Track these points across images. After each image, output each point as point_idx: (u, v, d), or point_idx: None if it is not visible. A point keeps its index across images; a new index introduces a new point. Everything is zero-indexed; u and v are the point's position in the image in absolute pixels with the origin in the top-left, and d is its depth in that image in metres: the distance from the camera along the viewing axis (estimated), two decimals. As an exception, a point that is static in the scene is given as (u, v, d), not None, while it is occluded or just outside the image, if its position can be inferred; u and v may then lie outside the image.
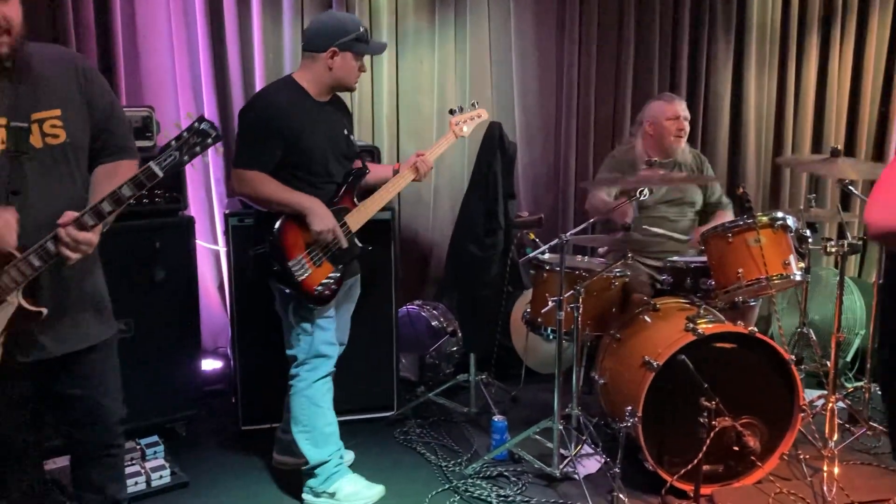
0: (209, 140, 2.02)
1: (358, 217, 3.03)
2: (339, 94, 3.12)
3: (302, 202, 2.87)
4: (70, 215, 1.97)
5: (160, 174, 1.99)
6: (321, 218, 2.87)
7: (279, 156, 2.86)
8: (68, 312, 2.14)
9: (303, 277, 2.89)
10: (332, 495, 3.03)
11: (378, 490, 3.10)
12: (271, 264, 2.88)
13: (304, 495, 3.08)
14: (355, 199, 3.05)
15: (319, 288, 2.93)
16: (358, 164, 3.13)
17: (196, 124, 2.00)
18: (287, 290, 2.93)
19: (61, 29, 3.68)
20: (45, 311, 2.03)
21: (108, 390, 2.31)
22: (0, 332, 2.00)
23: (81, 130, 2.12)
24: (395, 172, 3.19)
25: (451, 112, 3.37)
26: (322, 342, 3.03)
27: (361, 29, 2.94)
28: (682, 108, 3.98)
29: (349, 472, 3.11)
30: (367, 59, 4.30)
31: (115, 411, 2.33)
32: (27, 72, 2.02)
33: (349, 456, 3.43)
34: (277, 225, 2.86)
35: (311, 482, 3.06)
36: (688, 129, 3.99)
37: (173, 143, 2.00)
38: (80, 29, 3.74)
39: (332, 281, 2.97)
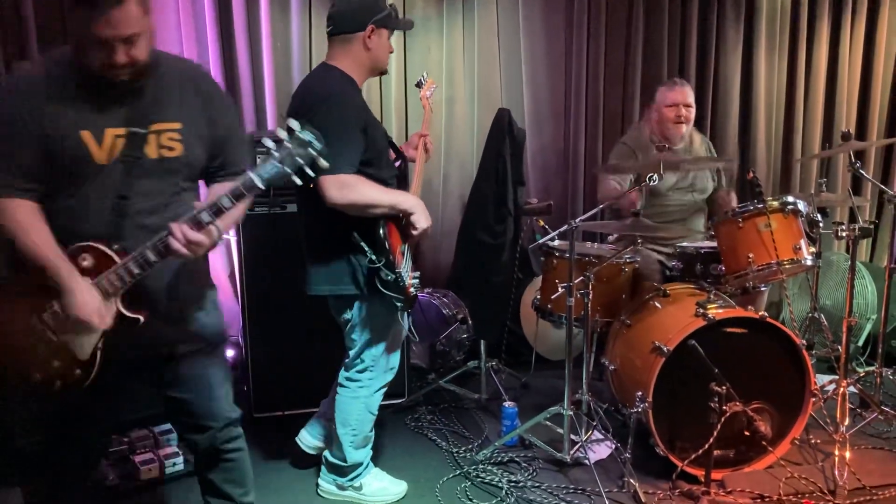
0: (311, 150, 1.87)
1: None
2: None
3: (405, 200, 2.70)
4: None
5: (261, 186, 1.92)
6: (426, 214, 2.72)
7: (360, 155, 2.65)
8: (171, 313, 2.14)
9: (407, 282, 2.73)
10: (357, 489, 3.03)
11: (403, 487, 3.09)
12: (384, 275, 2.65)
13: (322, 482, 3.08)
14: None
15: (412, 290, 2.81)
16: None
17: (298, 132, 1.88)
18: (393, 296, 2.72)
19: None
20: (142, 318, 2.03)
21: (214, 393, 2.27)
22: (99, 337, 2.01)
23: (198, 147, 2.09)
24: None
25: (418, 85, 3.30)
26: (396, 354, 2.97)
27: (390, 4, 2.81)
28: (683, 94, 3.95)
29: (373, 467, 3.10)
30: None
31: (223, 414, 2.29)
32: (152, 82, 2.00)
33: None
34: (382, 232, 2.64)
35: (337, 477, 3.04)
36: (689, 115, 3.97)
37: (274, 151, 1.88)
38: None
39: (417, 280, 2.85)
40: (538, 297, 3.65)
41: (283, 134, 1.88)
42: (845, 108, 5.27)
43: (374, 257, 2.65)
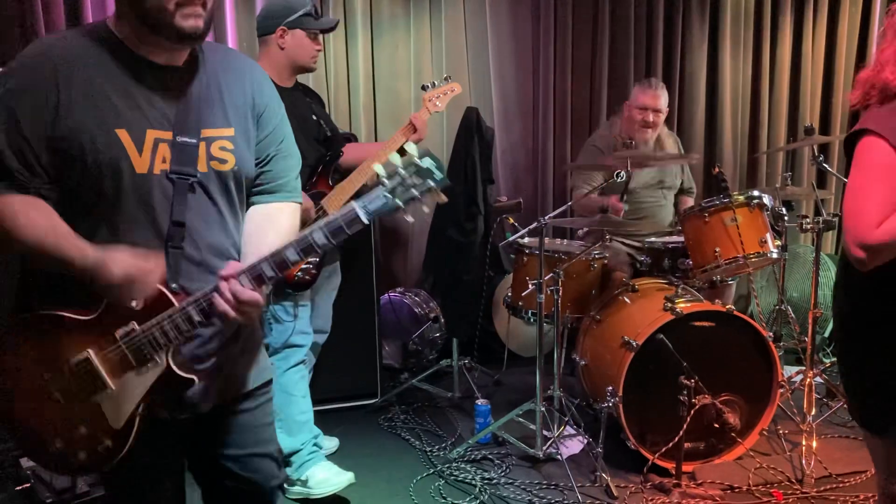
0: (430, 182, 1.50)
1: (336, 199, 3.00)
2: (302, 80, 3.12)
3: None
4: (235, 266, 1.55)
5: (365, 221, 1.51)
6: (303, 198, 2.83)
7: None
8: (223, 365, 1.71)
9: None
10: (304, 482, 3.03)
11: (348, 477, 3.07)
12: None
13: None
14: (331, 182, 3.04)
15: (299, 273, 2.90)
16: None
17: (418, 159, 1.50)
18: None
19: (29, 27, 3.61)
20: (196, 380, 1.60)
21: (268, 445, 1.84)
22: (139, 401, 1.57)
23: (250, 157, 1.71)
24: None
25: (424, 88, 3.35)
26: (296, 332, 3.01)
27: (309, 5, 2.95)
28: (654, 100, 3.93)
29: (322, 460, 3.09)
30: (340, 45, 4.31)
31: (274, 473, 1.85)
32: (200, 77, 1.63)
33: (333, 443, 3.44)
34: None
35: (286, 471, 3.04)
36: (657, 121, 3.96)
37: (385, 179, 1.50)
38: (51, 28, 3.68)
39: (311, 266, 2.94)
40: (509, 294, 3.66)
41: (396, 160, 1.52)
42: (809, 104, 5.36)
43: None
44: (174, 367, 1.56)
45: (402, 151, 1.58)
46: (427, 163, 1.51)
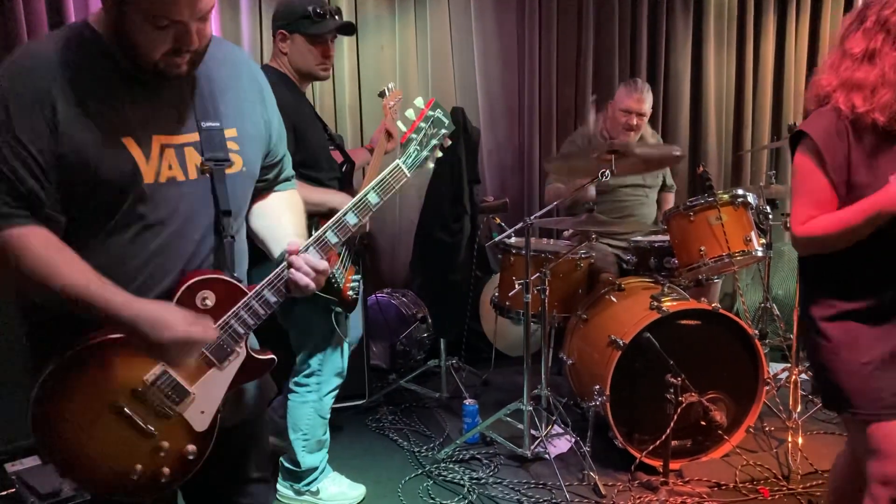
0: (444, 130, 1.72)
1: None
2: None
3: (335, 199, 2.61)
4: (297, 243, 1.59)
5: (408, 174, 1.70)
6: None
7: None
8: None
9: (342, 284, 2.68)
10: (314, 493, 3.00)
11: (361, 491, 3.07)
12: None
13: (280, 488, 3.05)
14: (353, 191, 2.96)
15: (350, 292, 2.78)
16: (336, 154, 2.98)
17: (431, 112, 1.71)
18: (328, 298, 2.68)
19: (11, 28, 3.58)
20: (275, 357, 1.63)
21: (267, 469, 1.81)
22: (223, 397, 1.56)
23: (256, 157, 1.65)
24: (372, 151, 3.08)
25: (381, 94, 3.19)
26: (344, 357, 2.94)
27: (310, 8, 2.68)
28: (639, 103, 3.91)
29: (331, 471, 3.07)
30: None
31: (269, 498, 1.85)
32: (203, 77, 1.55)
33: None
34: (313, 231, 2.61)
35: (293, 482, 3.01)
36: (641, 125, 3.95)
37: (414, 135, 1.69)
38: (32, 28, 3.65)
39: (356, 282, 2.81)
40: (496, 294, 3.67)
41: (412, 114, 1.71)
42: (793, 102, 5.40)
43: None
44: (252, 354, 1.58)
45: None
46: (439, 112, 1.73)
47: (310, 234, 1.65)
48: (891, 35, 1.81)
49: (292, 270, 1.55)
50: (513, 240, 3.57)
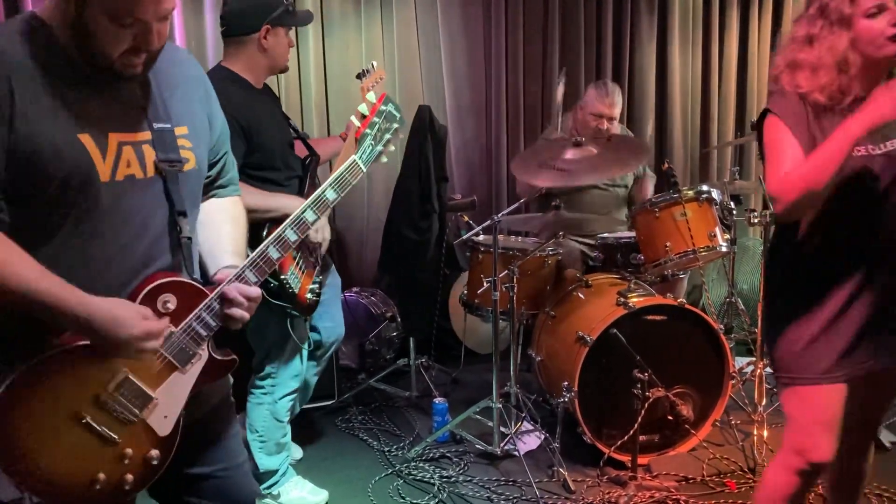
0: (396, 124, 1.74)
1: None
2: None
3: (288, 204, 2.56)
4: (226, 273, 1.57)
5: (364, 169, 1.70)
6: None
7: (240, 158, 2.51)
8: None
9: (298, 289, 2.65)
10: (275, 497, 2.97)
11: (323, 496, 3.04)
12: (269, 282, 2.51)
13: None
14: (317, 184, 2.92)
15: (309, 296, 2.74)
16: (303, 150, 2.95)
17: (384, 106, 1.74)
18: (282, 304, 2.64)
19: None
20: (236, 358, 1.63)
21: (244, 466, 1.78)
22: (186, 401, 1.55)
23: (205, 154, 1.64)
24: (345, 139, 3.05)
25: (359, 76, 3.20)
26: (299, 360, 2.91)
27: (286, 1, 2.72)
28: (609, 108, 3.87)
29: (294, 475, 3.03)
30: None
31: (251, 490, 1.79)
32: (153, 77, 1.53)
33: (297, 453, 3.40)
34: (264, 236, 2.47)
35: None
36: (611, 128, 3.91)
37: (368, 131, 1.72)
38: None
39: (317, 286, 2.79)
40: (465, 292, 3.67)
41: (364, 109, 1.73)
42: (756, 99, 5.46)
43: None
44: (215, 355, 1.57)
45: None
46: (391, 106, 1.76)
47: (263, 238, 1.63)
48: (829, 20, 1.90)
49: (231, 309, 1.53)
50: (481, 237, 3.57)
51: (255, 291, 1.56)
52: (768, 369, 3.48)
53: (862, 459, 2.23)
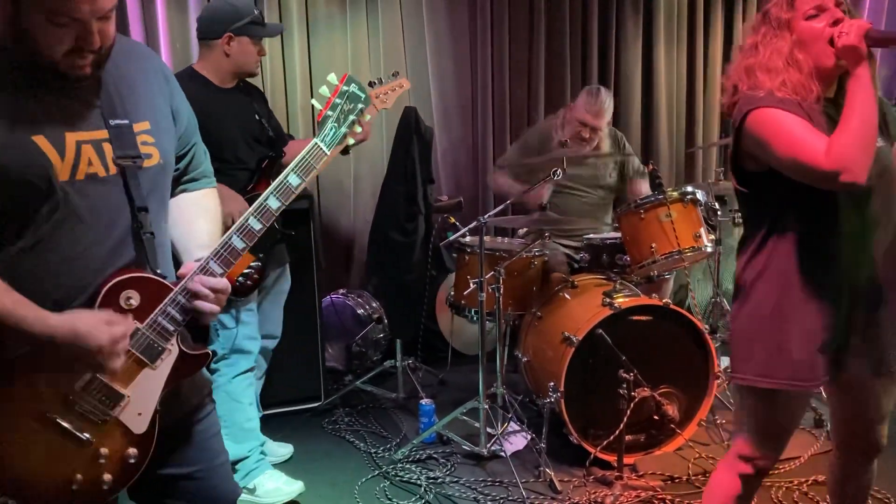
0: (360, 104, 1.69)
1: None
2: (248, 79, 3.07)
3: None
4: (190, 266, 1.55)
5: (327, 152, 1.65)
6: (234, 200, 2.77)
7: None
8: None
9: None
10: (251, 491, 2.98)
11: (298, 486, 3.05)
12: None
13: None
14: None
15: (241, 278, 2.79)
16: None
17: (346, 87, 1.68)
18: None
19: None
20: (210, 353, 1.61)
21: (224, 467, 1.76)
22: (159, 397, 1.53)
23: (171, 147, 1.63)
24: None
25: (371, 84, 3.25)
26: (243, 337, 2.97)
27: (256, 12, 2.93)
28: (597, 118, 3.77)
29: (269, 468, 3.06)
30: (276, 46, 4.25)
31: (231, 491, 1.76)
32: (108, 75, 1.50)
33: (287, 450, 3.40)
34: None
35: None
36: (594, 138, 3.83)
37: (330, 112, 1.67)
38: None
39: (252, 270, 2.81)
40: (452, 293, 3.67)
41: (326, 91, 1.69)
42: (741, 100, 5.49)
43: None
44: (186, 350, 1.55)
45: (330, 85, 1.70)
46: (353, 86, 1.68)
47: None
48: (770, 26, 1.95)
49: (197, 302, 1.51)
50: (467, 238, 3.58)
51: (221, 283, 1.54)
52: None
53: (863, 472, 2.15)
